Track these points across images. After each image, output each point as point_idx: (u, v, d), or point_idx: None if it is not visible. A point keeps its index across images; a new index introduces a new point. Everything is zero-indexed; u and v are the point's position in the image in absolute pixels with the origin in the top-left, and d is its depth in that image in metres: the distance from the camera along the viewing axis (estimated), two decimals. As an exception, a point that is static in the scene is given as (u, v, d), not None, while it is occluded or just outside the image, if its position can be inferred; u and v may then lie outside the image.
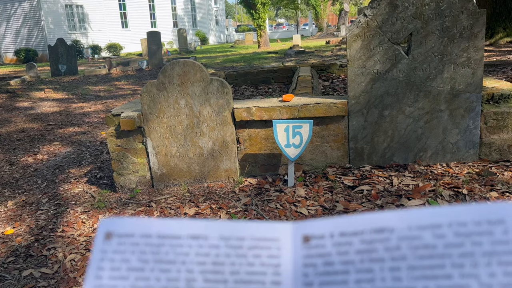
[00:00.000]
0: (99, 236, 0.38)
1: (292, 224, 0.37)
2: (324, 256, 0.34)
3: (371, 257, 0.33)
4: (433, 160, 3.14)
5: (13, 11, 22.18)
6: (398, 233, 0.33)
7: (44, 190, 3.68)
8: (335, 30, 30.13)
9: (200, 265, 0.35)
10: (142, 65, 13.67)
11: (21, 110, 7.62)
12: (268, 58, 15.29)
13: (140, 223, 0.38)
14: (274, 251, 0.36)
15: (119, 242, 0.37)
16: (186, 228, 0.37)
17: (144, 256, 0.36)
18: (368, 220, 0.34)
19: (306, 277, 0.34)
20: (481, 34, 2.87)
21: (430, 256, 0.32)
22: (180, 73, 3.13)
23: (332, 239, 0.35)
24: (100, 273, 0.36)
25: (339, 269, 0.33)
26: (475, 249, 0.31)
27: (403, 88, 3.04)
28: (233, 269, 0.35)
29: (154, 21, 29.14)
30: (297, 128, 2.95)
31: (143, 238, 0.37)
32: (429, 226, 0.33)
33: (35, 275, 2.37)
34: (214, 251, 0.36)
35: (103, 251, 0.37)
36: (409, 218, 0.34)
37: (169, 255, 0.36)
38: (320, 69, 6.33)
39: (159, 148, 3.30)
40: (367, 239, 0.34)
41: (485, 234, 0.32)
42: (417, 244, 0.32)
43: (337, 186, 2.92)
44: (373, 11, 2.95)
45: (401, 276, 0.32)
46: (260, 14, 21.09)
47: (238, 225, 0.37)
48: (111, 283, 0.35)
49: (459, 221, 0.32)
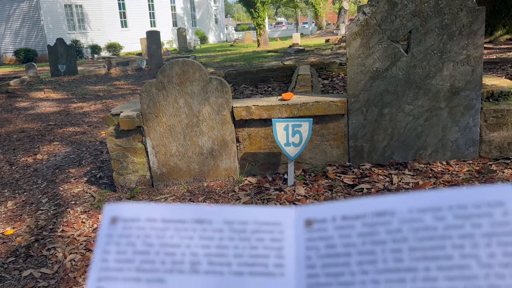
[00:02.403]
0: (105, 220, 0.38)
1: (295, 209, 0.38)
2: (326, 239, 0.35)
3: (373, 239, 0.34)
4: (433, 158, 3.14)
5: (12, 11, 22.17)
6: (399, 216, 0.34)
7: (44, 190, 3.68)
8: (335, 28, 30.11)
9: (204, 248, 0.36)
10: (141, 65, 13.66)
11: (20, 110, 7.62)
12: (268, 57, 15.28)
13: (145, 208, 0.38)
14: (277, 234, 0.36)
15: (125, 226, 0.37)
16: (191, 213, 0.37)
17: (149, 240, 0.37)
18: (370, 204, 0.35)
19: (309, 259, 0.35)
20: (480, 31, 2.87)
21: (431, 237, 0.32)
22: (179, 73, 3.12)
23: (334, 222, 0.35)
24: (106, 256, 0.36)
25: (341, 252, 0.34)
26: (475, 230, 0.32)
27: (402, 86, 3.03)
28: (237, 252, 0.36)
29: (154, 20, 29.12)
30: (296, 127, 2.95)
31: (148, 222, 0.37)
32: (430, 209, 0.33)
33: (35, 275, 2.37)
34: (218, 235, 0.36)
35: (109, 235, 0.37)
36: (410, 201, 0.34)
37: (174, 239, 0.36)
38: (320, 68, 6.32)
39: (159, 148, 3.29)
40: (369, 222, 0.34)
41: (484, 216, 0.32)
42: (418, 226, 0.33)
43: (337, 184, 2.92)
44: (372, 9, 2.95)
45: (403, 257, 0.32)
46: (260, 12, 21.07)
47: (242, 209, 0.38)
48: (117, 265, 0.36)
49: (459, 204, 0.33)
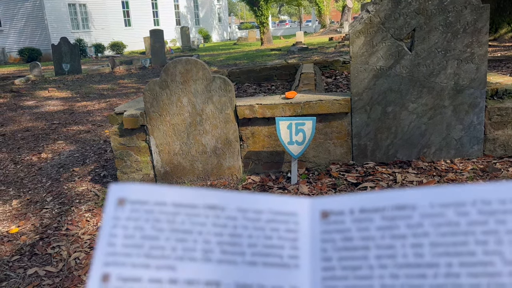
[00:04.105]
0: (111, 201, 0.36)
1: (310, 200, 0.37)
2: (343, 232, 0.34)
3: (393, 233, 0.33)
4: (437, 156, 3.13)
5: (16, 10, 22.24)
6: (420, 210, 0.33)
7: (49, 189, 3.69)
8: (338, 26, 30.02)
9: (217, 236, 0.35)
10: (145, 64, 13.68)
11: (25, 109, 7.65)
12: (271, 55, 15.26)
13: (154, 190, 0.36)
14: (292, 225, 0.35)
15: (133, 209, 0.35)
16: (203, 198, 0.36)
17: (159, 225, 0.35)
18: (389, 197, 0.34)
19: (325, 252, 0.34)
20: (485, 29, 2.85)
21: (453, 233, 0.32)
22: (183, 71, 3.13)
23: (352, 215, 0.35)
24: (113, 240, 0.34)
25: (359, 245, 0.33)
26: (499, 227, 0.31)
27: (406, 84, 3.02)
28: (251, 242, 0.35)
29: (157, 19, 29.14)
30: (300, 125, 2.94)
31: (157, 206, 0.35)
32: (452, 204, 0.33)
33: (40, 274, 2.38)
34: (231, 223, 0.35)
35: (115, 218, 0.35)
36: (432, 195, 0.33)
37: (185, 225, 0.35)
38: (323, 66, 6.31)
39: (162, 146, 3.30)
40: (389, 216, 0.34)
41: (509, 212, 0.31)
42: (440, 221, 0.32)
43: (340, 183, 2.92)
44: (375, 7, 2.94)
45: (424, 253, 0.32)
46: (263, 11, 21.06)
47: (256, 198, 0.36)
48: (125, 251, 0.34)
49: (483, 199, 0.32)
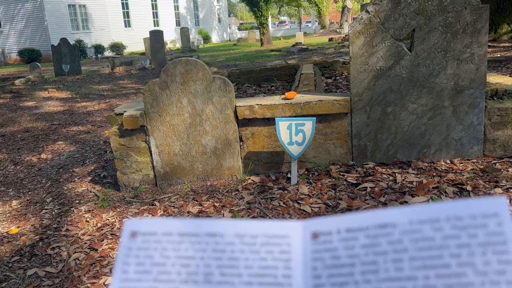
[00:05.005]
0: (125, 235, 0.41)
1: (302, 222, 0.40)
2: (331, 251, 0.37)
3: (375, 250, 0.36)
4: (436, 156, 3.13)
5: (16, 11, 22.26)
6: (400, 228, 0.36)
7: (48, 190, 3.69)
8: (338, 27, 30.04)
9: (217, 260, 0.39)
10: (145, 64, 13.69)
11: (25, 110, 7.65)
12: (271, 56, 15.26)
13: (162, 222, 0.41)
14: (285, 247, 0.39)
15: (143, 240, 0.41)
16: (204, 227, 0.40)
17: (166, 253, 0.40)
18: (372, 216, 0.37)
19: (315, 270, 0.37)
20: (484, 29, 2.85)
21: (430, 247, 0.34)
22: (183, 72, 3.13)
23: (339, 235, 0.38)
24: (126, 267, 0.40)
25: (346, 262, 0.36)
26: (471, 240, 0.34)
27: (406, 85, 3.02)
28: (247, 264, 0.38)
29: (157, 20, 29.16)
30: (299, 126, 2.94)
31: (164, 236, 0.40)
32: (428, 220, 0.35)
33: (39, 274, 2.38)
34: (229, 248, 0.39)
35: (128, 248, 0.40)
36: (410, 213, 0.36)
37: (189, 251, 0.39)
38: (323, 67, 6.31)
39: (162, 147, 3.30)
40: (372, 234, 0.36)
41: (480, 226, 0.34)
42: (418, 237, 0.35)
43: (340, 183, 2.92)
44: (375, 7, 2.94)
45: (403, 267, 0.34)
46: (263, 12, 21.06)
47: (252, 223, 0.40)
48: (136, 276, 0.39)
49: (456, 215, 0.35)
